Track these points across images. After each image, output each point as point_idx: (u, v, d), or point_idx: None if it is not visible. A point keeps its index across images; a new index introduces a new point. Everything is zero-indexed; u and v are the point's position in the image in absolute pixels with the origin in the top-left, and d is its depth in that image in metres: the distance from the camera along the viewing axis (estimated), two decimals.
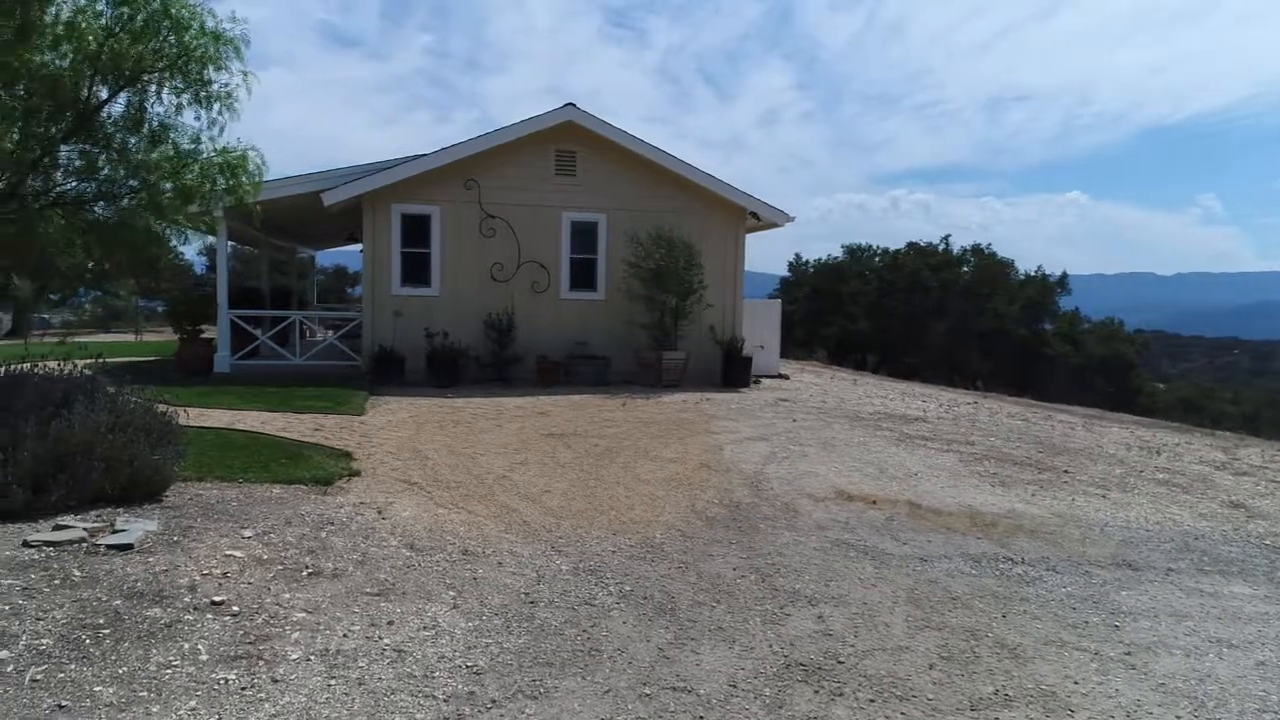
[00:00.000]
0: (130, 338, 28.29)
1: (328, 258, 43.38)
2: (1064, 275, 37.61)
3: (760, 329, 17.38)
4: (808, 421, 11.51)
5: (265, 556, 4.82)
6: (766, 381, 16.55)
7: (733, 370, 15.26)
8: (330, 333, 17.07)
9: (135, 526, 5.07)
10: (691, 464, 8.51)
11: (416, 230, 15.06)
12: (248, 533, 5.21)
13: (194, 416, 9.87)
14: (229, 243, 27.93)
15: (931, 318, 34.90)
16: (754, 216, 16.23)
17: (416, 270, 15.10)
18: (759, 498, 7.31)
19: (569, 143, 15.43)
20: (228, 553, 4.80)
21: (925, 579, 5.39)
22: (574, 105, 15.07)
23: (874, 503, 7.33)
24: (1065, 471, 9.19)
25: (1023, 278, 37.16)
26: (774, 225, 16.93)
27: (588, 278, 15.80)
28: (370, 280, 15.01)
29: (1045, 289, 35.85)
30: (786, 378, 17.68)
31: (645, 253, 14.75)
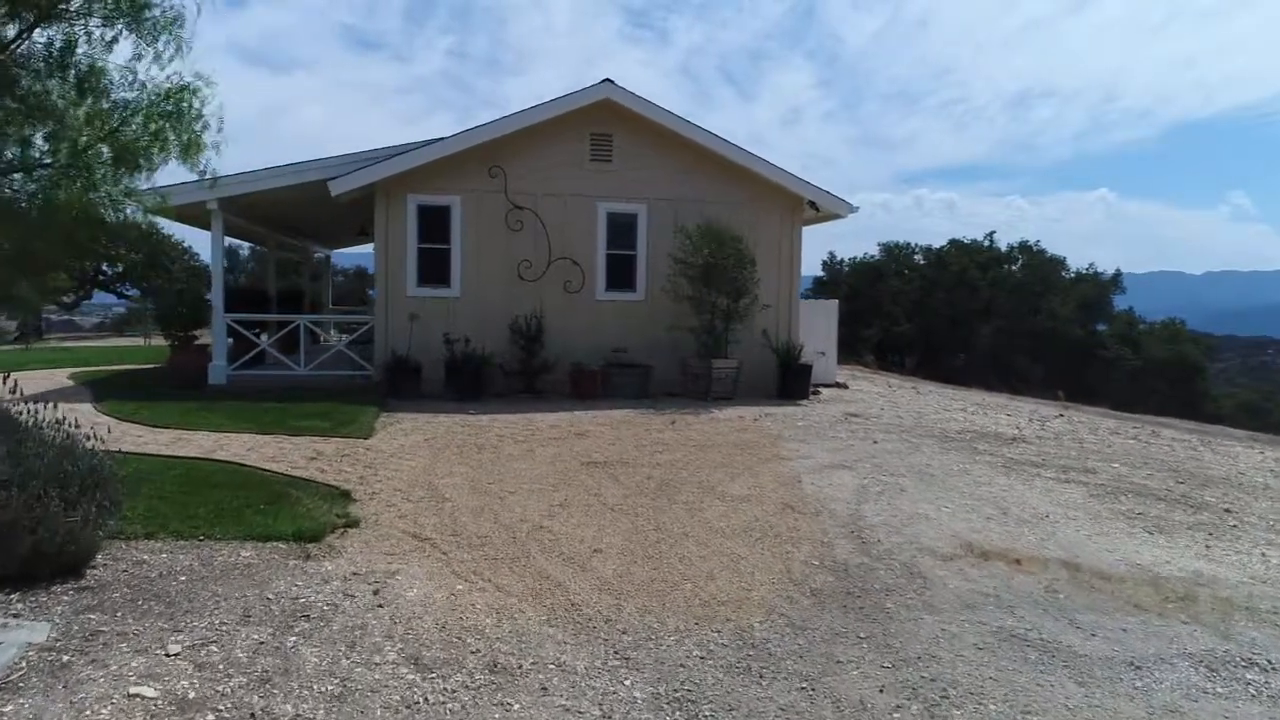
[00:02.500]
0: (140, 342, 27.08)
1: (348, 258, 41.93)
2: (1118, 273, 35.57)
3: (817, 333, 15.58)
4: (890, 443, 9.80)
5: (193, 695, 3.16)
6: (826, 391, 14.79)
7: (791, 380, 13.48)
8: (342, 337, 15.47)
9: (12, 638, 3.46)
10: (770, 504, 6.86)
11: (435, 223, 13.38)
12: (176, 646, 3.55)
13: (168, 442, 8.34)
14: (242, 241, 26.45)
15: (978, 318, 32.94)
16: (812, 207, 14.45)
17: (435, 268, 13.42)
18: (868, 556, 5.65)
19: (605, 125, 13.73)
20: (134, 690, 3.14)
21: (1159, 706, 3.71)
22: (611, 81, 13.35)
23: (1018, 562, 5.67)
24: (1226, 510, 7.47)
25: (1074, 275, 35.15)
26: (836, 216, 15.08)
27: (626, 276, 14.08)
28: (383, 280, 13.40)
29: (1101, 287, 33.78)
30: (845, 386, 15.90)
31: (692, 248, 13.04)
